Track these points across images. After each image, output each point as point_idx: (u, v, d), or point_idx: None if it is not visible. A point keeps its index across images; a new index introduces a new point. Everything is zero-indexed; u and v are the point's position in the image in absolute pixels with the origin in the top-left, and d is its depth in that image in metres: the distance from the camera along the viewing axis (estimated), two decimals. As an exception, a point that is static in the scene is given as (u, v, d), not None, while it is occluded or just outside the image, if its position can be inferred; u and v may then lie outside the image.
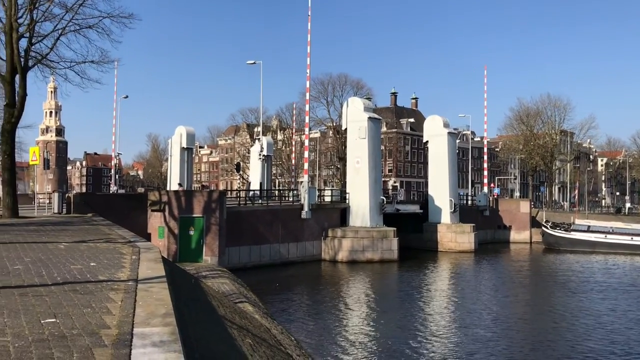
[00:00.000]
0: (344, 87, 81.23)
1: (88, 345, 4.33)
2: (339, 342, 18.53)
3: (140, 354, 4.08)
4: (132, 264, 8.86)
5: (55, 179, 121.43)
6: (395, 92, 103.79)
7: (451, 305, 26.00)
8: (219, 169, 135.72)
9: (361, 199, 41.92)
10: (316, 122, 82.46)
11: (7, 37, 22.29)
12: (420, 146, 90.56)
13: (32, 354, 4.07)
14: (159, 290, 6.59)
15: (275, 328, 14.47)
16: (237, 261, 33.57)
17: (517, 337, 19.84)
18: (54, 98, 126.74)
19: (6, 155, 23.21)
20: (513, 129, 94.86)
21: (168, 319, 5.12)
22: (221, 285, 19.62)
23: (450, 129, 52.52)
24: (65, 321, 5.08)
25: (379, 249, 39.62)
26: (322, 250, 40.31)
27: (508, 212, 58.95)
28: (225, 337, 8.97)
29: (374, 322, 21.99)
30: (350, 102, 44.93)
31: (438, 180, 50.67)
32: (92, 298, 6.15)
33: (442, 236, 48.54)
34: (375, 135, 43.46)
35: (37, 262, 8.88)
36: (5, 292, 6.37)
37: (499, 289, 31.23)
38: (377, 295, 28.50)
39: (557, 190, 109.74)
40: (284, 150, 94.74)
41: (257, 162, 49.34)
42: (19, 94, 22.93)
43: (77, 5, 23.37)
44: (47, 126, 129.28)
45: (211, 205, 30.97)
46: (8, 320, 5.05)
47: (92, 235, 14.41)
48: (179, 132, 44.29)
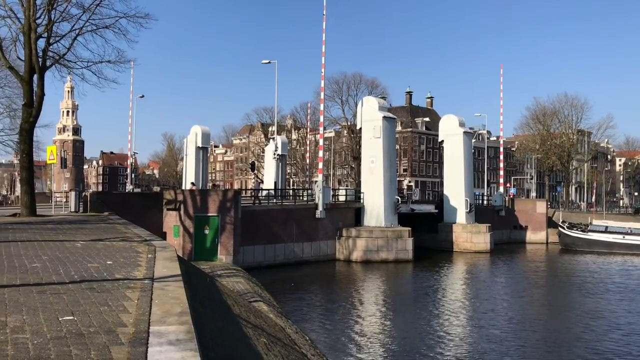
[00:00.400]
0: (358, 86, 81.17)
1: (105, 343, 4.37)
2: (354, 342, 18.50)
3: (157, 352, 4.11)
4: (148, 262, 8.92)
5: (72, 178, 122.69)
6: (410, 91, 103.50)
7: (466, 305, 25.84)
8: (233, 168, 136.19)
9: (376, 198, 41.80)
10: (331, 121, 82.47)
11: (26, 38, 22.53)
12: (436, 145, 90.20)
13: (50, 351, 4.11)
14: (174, 288, 6.63)
15: (289, 327, 14.48)
16: (251, 260, 33.65)
17: (532, 338, 19.67)
18: (70, 98, 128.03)
19: (24, 154, 23.47)
20: (529, 129, 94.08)
21: (184, 318, 5.14)
22: (236, 284, 19.67)
23: (466, 128, 52.19)
24: (83, 319, 5.13)
25: (394, 249, 39.49)
26: (337, 249, 40.27)
27: (524, 212, 58.46)
28: (241, 336, 9.00)
29: (388, 322, 21.94)
30: (365, 101, 44.83)
31: (453, 180, 50.38)
32: (108, 296, 6.20)
33: (458, 236, 48.25)
34: (390, 135, 43.32)
35: (54, 261, 8.96)
36: (24, 290, 6.44)
37: (515, 289, 31.00)
38: (392, 295, 28.42)
39: (574, 191, 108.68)
40: (299, 150, 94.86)
41: (272, 161, 49.40)
42: (36, 94, 23.16)
43: (94, 6, 23.58)
44: (64, 125, 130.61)
45: (226, 205, 31.08)
46: (27, 318, 5.10)
47: (108, 234, 14.52)
48: (194, 131, 44.48)
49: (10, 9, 22.82)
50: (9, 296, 6.07)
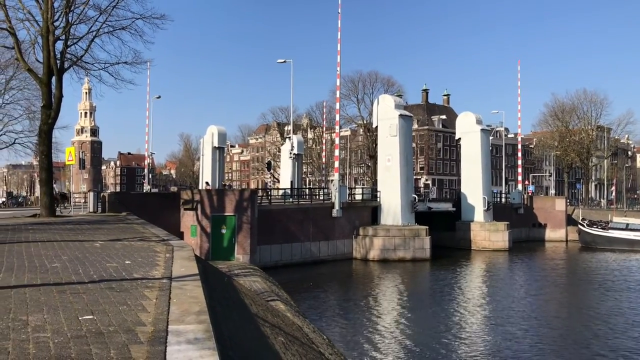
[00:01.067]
0: (374, 84, 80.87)
1: (124, 342, 4.38)
2: (371, 341, 18.45)
3: (176, 351, 4.11)
4: (166, 262, 8.96)
5: (90, 179, 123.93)
6: (427, 89, 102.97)
7: (484, 304, 25.65)
8: (250, 167, 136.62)
9: (392, 197, 41.67)
10: (347, 120, 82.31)
11: (44, 40, 22.80)
12: (453, 143, 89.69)
13: (70, 350, 4.13)
14: (192, 288, 6.65)
15: (307, 326, 14.47)
16: (268, 259, 33.74)
17: (551, 336, 19.47)
18: (88, 99, 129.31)
19: (43, 155, 23.75)
20: (548, 125, 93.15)
21: (202, 317, 5.15)
22: (253, 283, 19.72)
23: (483, 125, 51.82)
24: (102, 318, 5.16)
25: (411, 247, 39.35)
26: (353, 248, 40.22)
27: (543, 210, 57.90)
28: (258, 335, 9.00)
29: (406, 320, 21.86)
30: (381, 99, 44.70)
31: (471, 178, 50.06)
32: (127, 296, 6.23)
33: (476, 234, 47.94)
34: (407, 133, 43.14)
35: (74, 260, 9.04)
36: (44, 290, 6.50)
37: (534, 288, 30.68)
38: (409, 294, 28.31)
39: (594, 188, 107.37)
40: (315, 149, 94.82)
41: (288, 160, 49.47)
42: (55, 96, 23.43)
43: (110, 7, 23.81)
44: (82, 127, 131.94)
45: (243, 204, 31.18)
46: (47, 317, 5.15)
47: (126, 234, 14.62)
48: (210, 131, 44.70)
49: (29, 12, 23.14)
50: (30, 296, 6.13)
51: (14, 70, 49.45)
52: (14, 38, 22.98)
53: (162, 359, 3.97)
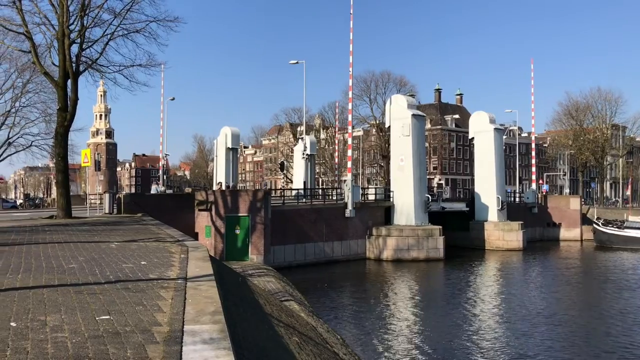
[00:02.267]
0: (386, 84, 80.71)
1: (141, 341, 4.45)
2: (385, 341, 18.45)
3: (191, 351, 4.17)
4: (181, 262, 9.04)
5: (105, 180, 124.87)
6: (440, 89, 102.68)
7: (499, 304, 25.52)
8: (263, 168, 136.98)
9: (406, 197, 41.58)
10: (359, 120, 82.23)
11: (60, 44, 23.05)
12: (466, 143, 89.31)
13: (88, 350, 4.20)
14: (207, 288, 6.71)
15: (321, 326, 14.51)
16: (282, 260, 33.83)
17: (566, 336, 19.33)
18: (103, 101, 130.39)
19: (60, 157, 24.02)
20: (562, 124, 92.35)
21: (217, 317, 5.21)
22: (267, 283, 19.80)
23: (496, 124, 51.54)
24: (119, 318, 5.23)
25: (425, 247, 39.23)
26: (367, 248, 40.19)
27: (557, 209, 57.45)
28: (273, 335, 9.06)
29: (420, 320, 21.82)
30: (394, 99, 44.62)
31: (485, 177, 49.80)
32: (143, 296, 6.31)
33: (490, 234, 47.69)
34: (420, 133, 43.04)
35: (90, 261, 9.16)
36: (62, 290, 6.60)
37: (549, 287, 30.48)
38: (423, 294, 28.24)
39: (609, 187, 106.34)
40: (327, 149, 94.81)
41: (301, 161, 49.53)
42: (70, 99, 23.68)
43: (124, 11, 24.01)
44: (97, 129, 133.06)
45: (256, 205, 31.29)
46: (65, 317, 5.23)
47: (142, 235, 14.76)
48: (224, 132, 44.87)
49: (45, 16, 23.40)
50: (47, 296, 6.22)
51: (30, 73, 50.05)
52: (30, 42, 23.26)
53: (178, 358, 4.03)
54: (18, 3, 22.22)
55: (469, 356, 16.88)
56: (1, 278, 7.43)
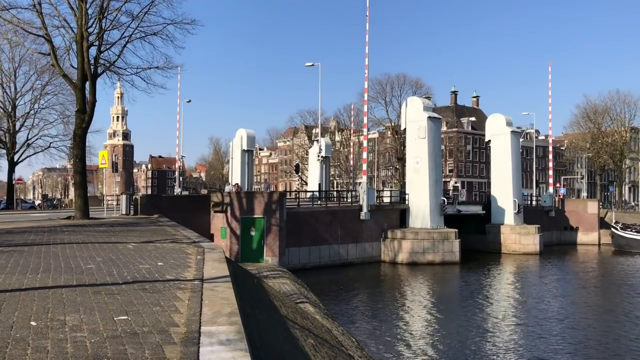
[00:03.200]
0: (402, 86, 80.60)
1: (158, 342, 4.47)
2: (400, 345, 18.37)
3: (208, 352, 4.18)
4: (197, 263, 9.08)
5: (122, 182, 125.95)
6: (456, 91, 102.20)
7: (515, 308, 25.30)
8: (278, 170, 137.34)
9: (421, 199, 41.41)
10: (374, 122, 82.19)
11: (78, 46, 23.32)
12: (482, 145, 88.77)
13: (107, 350, 4.24)
14: (223, 289, 6.73)
15: (336, 329, 14.49)
16: (296, 262, 33.85)
17: (583, 341, 19.11)
18: (120, 103, 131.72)
19: (77, 159, 24.26)
20: (579, 127, 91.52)
21: (233, 318, 5.22)
22: (282, 285, 19.83)
23: (513, 127, 51.16)
24: (136, 319, 5.26)
25: (440, 250, 39.03)
26: (382, 251, 40.07)
27: (575, 212, 56.86)
28: (288, 337, 9.06)
29: (435, 324, 21.69)
30: (409, 101, 44.49)
31: (501, 180, 49.44)
32: (160, 297, 6.34)
33: (506, 238, 47.31)
34: (435, 135, 42.87)
35: (108, 262, 9.23)
36: (80, 290, 6.66)
37: (566, 292, 30.17)
38: (439, 298, 28.08)
39: (628, 190, 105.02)
40: (342, 152, 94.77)
41: (316, 163, 49.57)
42: (88, 101, 23.93)
43: (142, 13, 24.26)
44: (115, 130, 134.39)
45: (271, 206, 31.36)
46: (84, 317, 5.28)
47: (158, 236, 14.85)
48: (239, 134, 45.05)
49: (64, 19, 23.69)
50: (66, 296, 6.28)
51: (49, 76, 50.79)
52: (49, 45, 23.55)
53: (195, 359, 4.05)
54: (38, 6, 22.53)
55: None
56: (21, 278, 7.52)
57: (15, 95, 52.74)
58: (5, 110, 52.79)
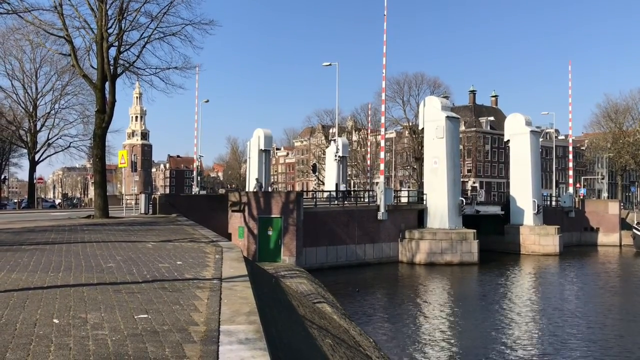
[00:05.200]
0: (420, 86, 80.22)
1: (178, 340, 4.50)
2: (418, 346, 18.29)
3: (228, 351, 4.20)
4: (216, 263, 9.13)
5: (140, 181, 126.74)
6: (474, 90, 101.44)
7: (534, 310, 25.05)
8: (295, 170, 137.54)
9: (439, 200, 41.20)
10: (392, 122, 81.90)
11: (98, 47, 23.57)
12: (501, 145, 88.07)
13: (128, 348, 4.27)
14: (242, 289, 6.76)
15: (353, 329, 14.47)
16: (314, 262, 33.86)
17: (604, 344, 18.84)
18: (139, 103, 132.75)
19: (97, 158, 24.54)
20: (600, 127, 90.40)
21: (252, 317, 5.24)
22: (299, 285, 19.85)
23: (532, 127, 50.69)
24: (156, 317, 5.31)
25: (459, 251, 38.80)
26: (399, 252, 39.93)
27: (595, 213, 56.16)
28: (306, 336, 9.06)
29: (453, 325, 21.57)
30: (427, 101, 44.28)
31: (520, 181, 49.00)
32: (180, 295, 6.39)
33: (525, 238, 46.87)
34: (454, 135, 42.60)
35: (127, 261, 9.31)
36: (101, 289, 6.73)
37: (586, 294, 29.80)
38: (457, 299, 27.91)
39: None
40: (359, 151, 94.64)
41: (333, 163, 49.51)
42: (108, 101, 24.17)
43: (161, 14, 24.42)
44: (133, 130, 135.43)
45: (289, 206, 31.41)
46: (105, 315, 5.33)
47: (177, 235, 14.95)
48: (256, 134, 45.18)
49: (85, 20, 23.95)
50: (87, 294, 6.35)
51: (69, 76, 51.44)
52: (70, 45, 23.82)
53: (214, 358, 4.06)
54: (59, 8, 22.79)
55: (503, 362, 16.60)
56: (43, 276, 7.62)
57: (36, 95, 53.55)
58: (26, 110, 53.62)
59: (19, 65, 51.96)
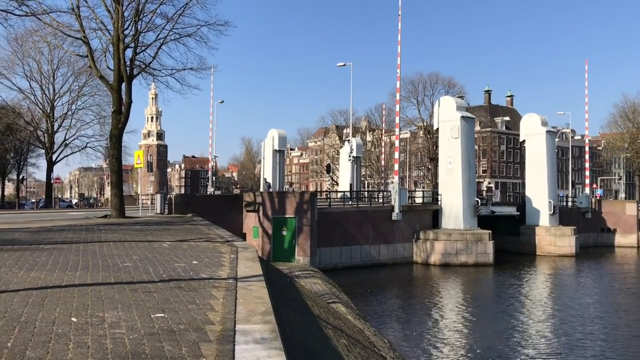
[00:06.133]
0: (434, 86, 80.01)
1: (195, 340, 4.53)
2: (433, 347, 18.21)
3: (244, 350, 4.22)
4: (231, 262, 9.17)
5: (156, 181, 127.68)
6: (489, 90, 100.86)
7: (550, 312, 24.82)
8: (309, 170, 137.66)
9: (454, 200, 40.99)
10: (406, 122, 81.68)
11: (115, 48, 23.79)
12: (517, 145, 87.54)
13: (145, 346, 4.31)
14: (257, 288, 6.79)
15: (368, 329, 14.46)
16: (328, 262, 33.86)
17: (621, 348, 18.62)
18: (154, 104, 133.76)
19: (114, 159, 24.76)
20: (617, 127, 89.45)
21: (268, 317, 5.26)
22: (314, 285, 19.87)
23: (548, 127, 50.25)
24: (173, 316, 5.35)
25: (474, 252, 38.57)
26: (414, 252, 39.79)
27: (612, 214, 55.53)
28: (321, 336, 9.07)
29: (469, 326, 21.45)
30: (442, 101, 44.09)
31: (536, 181, 48.60)
32: (196, 295, 6.43)
33: (541, 239, 46.47)
34: (469, 135, 42.37)
35: (144, 260, 9.39)
36: (118, 288, 6.80)
37: (603, 296, 29.47)
38: (472, 300, 27.75)
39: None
40: (373, 152, 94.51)
41: (347, 163, 49.52)
42: (124, 101, 24.38)
43: (177, 15, 24.62)
44: (149, 131, 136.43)
45: (303, 206, 31.46)
46: (122, 314, 5.38)
47: (192, 235, 15.04)
48: (271, 135, 45.30)
49: (101, 22, 24.20)
50: (104, 294, 6.42)
51: (86, 77, 52.01)
52: (87, 47, 24.08)
53: (231, 357, 4.09)
54: (77, 10, 23.04)
55: (519, 364, 16.48)
56: (61, 275, 7.71)
57: (53, 96, 54.17)
58: (44, 111, 54.25)
59: (37, 66, 52.61)
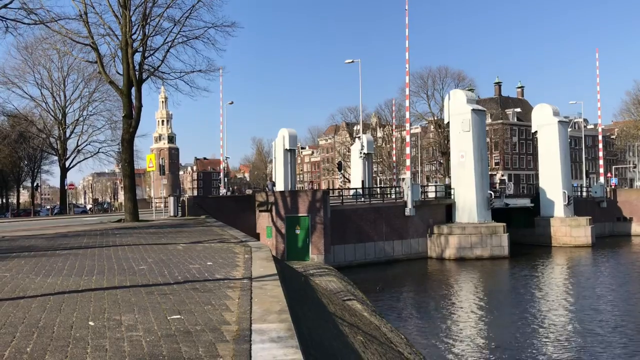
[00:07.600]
0: (444, 79, 79.52)
1: (211, 340, 4.55)
2: (450, 341, 18.14)
3: (260, 349, 4.23)
4: (246, 262, 9.19)
5: (169, 184, 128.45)
6: (500, 82, 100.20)
7: (568, 303, 24.63)
8: (320, 168, 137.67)
9: (467, 194, 40.79)
10: (416, 117, 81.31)
11: (123, 53, 23.92)
12: (529, 137, 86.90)
13: (162, 348, 4.33)
14: (272, 287, 6.80)
15: (384, 326, 14.43)
16: (342, 259, 33.84)
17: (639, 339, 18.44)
18: (165, 107, 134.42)
19: (126, 163, 24.91)
20: (630, 114, 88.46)
21: (283, 316, 5.26)
22: (329, 283, 19.86)
23: (560, 117, 49.81)
24: (189, 317, 5.37)
25: (488, 245, 38.37)
26: (428, 247, 39.66)
27: (628, 203, 54.95)
28: (337, 334, 9.07)
29: (486, 319, 21.34)
30: (452, 94, 43.86)
31: (549, 172, 48.23)
32: (211, 296, 6.45)
33: (556, 230, 46.13)
34: (480, 128, 42.11)
35: (159, 263, 9.44)
36: (134, 291, 6.84)
37: (621, 286, 29.17)
38: (488, 294, 27.60)
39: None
40: (384, 148, 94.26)
41: (358, 160, 49.41)
42: (135, 106, 24.51)
43: (184, 18, 24.70)
44: (160, 134, 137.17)
45: (315, 205, 31.46)
46: (138, 317, 5.41)
47: (206, 236, 15.10)
48: (281, 134, 45.31)
49: (109, 27, 24.36)
50: (121, 297, 6.46)
51: (96, 83, 52.42)
52: (96, 53, 24.24)
53: (247, 357, 4.09)
54: (85, 16, 23.20)
55: (536, 357, 16.37)
56: (77, 279, 7.77)
57: (64, 103, 54.68)
58: (56, 118, 54.77)
59: (48, 74, 53.15)
